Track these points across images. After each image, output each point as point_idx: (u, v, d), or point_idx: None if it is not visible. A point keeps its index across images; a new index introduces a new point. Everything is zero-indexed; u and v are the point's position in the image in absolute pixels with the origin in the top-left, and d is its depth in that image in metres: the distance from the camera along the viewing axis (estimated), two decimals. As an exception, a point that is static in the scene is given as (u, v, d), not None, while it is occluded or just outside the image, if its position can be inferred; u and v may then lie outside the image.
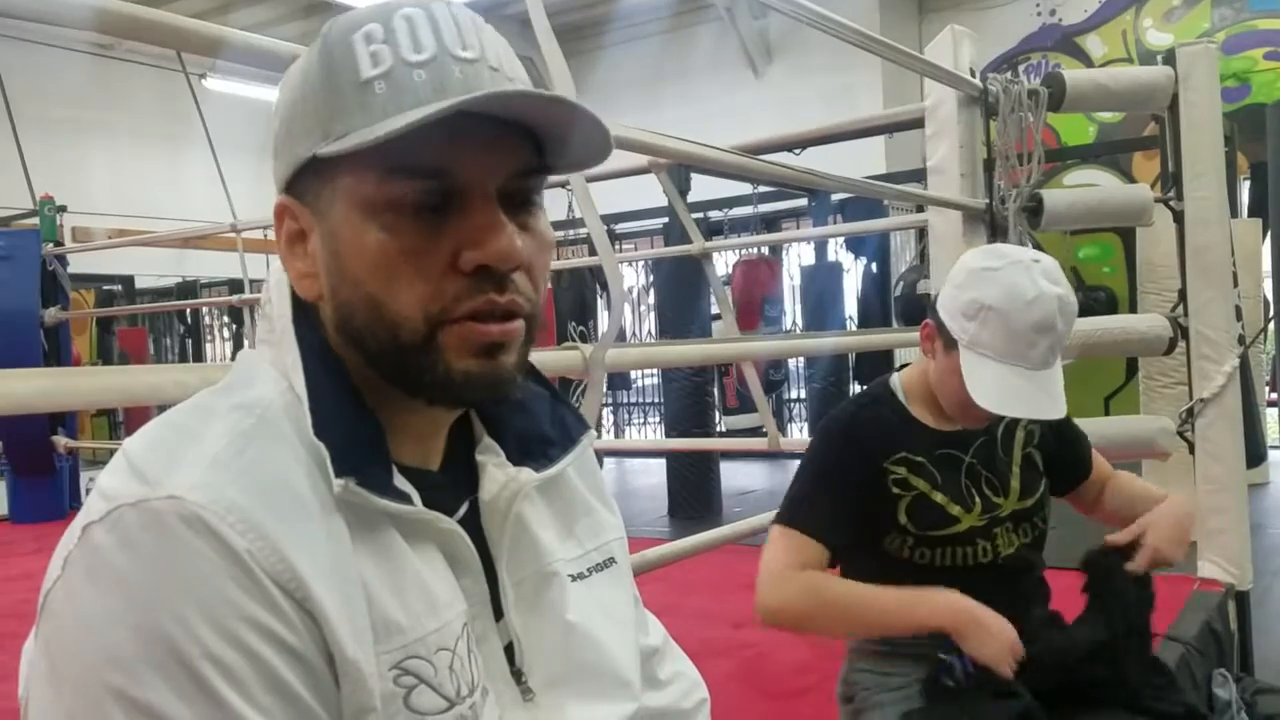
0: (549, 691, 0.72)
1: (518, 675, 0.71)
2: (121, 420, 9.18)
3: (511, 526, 0.72)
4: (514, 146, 0.65)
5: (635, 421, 10.80)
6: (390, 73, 0.63)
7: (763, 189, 6.36)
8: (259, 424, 0.63)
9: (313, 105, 0.65)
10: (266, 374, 0.67)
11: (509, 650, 0.71)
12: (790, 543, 1.49)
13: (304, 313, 0.69)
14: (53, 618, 0.58)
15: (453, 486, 0.72)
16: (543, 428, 0.79)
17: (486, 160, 0.64)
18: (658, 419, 9.70)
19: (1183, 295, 2.90)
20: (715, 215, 6.80)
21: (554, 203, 4.40)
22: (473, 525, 0.71)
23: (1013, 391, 1.41)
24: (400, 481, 0.66)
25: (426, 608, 0.64)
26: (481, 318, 0.64)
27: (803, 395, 8.75)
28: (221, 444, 0.61)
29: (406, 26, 0.63)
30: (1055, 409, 1.43)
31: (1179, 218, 2.89)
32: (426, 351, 0.64)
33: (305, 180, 0.67)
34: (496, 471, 0.73)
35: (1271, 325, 3.40)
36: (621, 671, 0.77)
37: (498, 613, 0.71)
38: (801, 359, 7.60)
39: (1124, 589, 1.49)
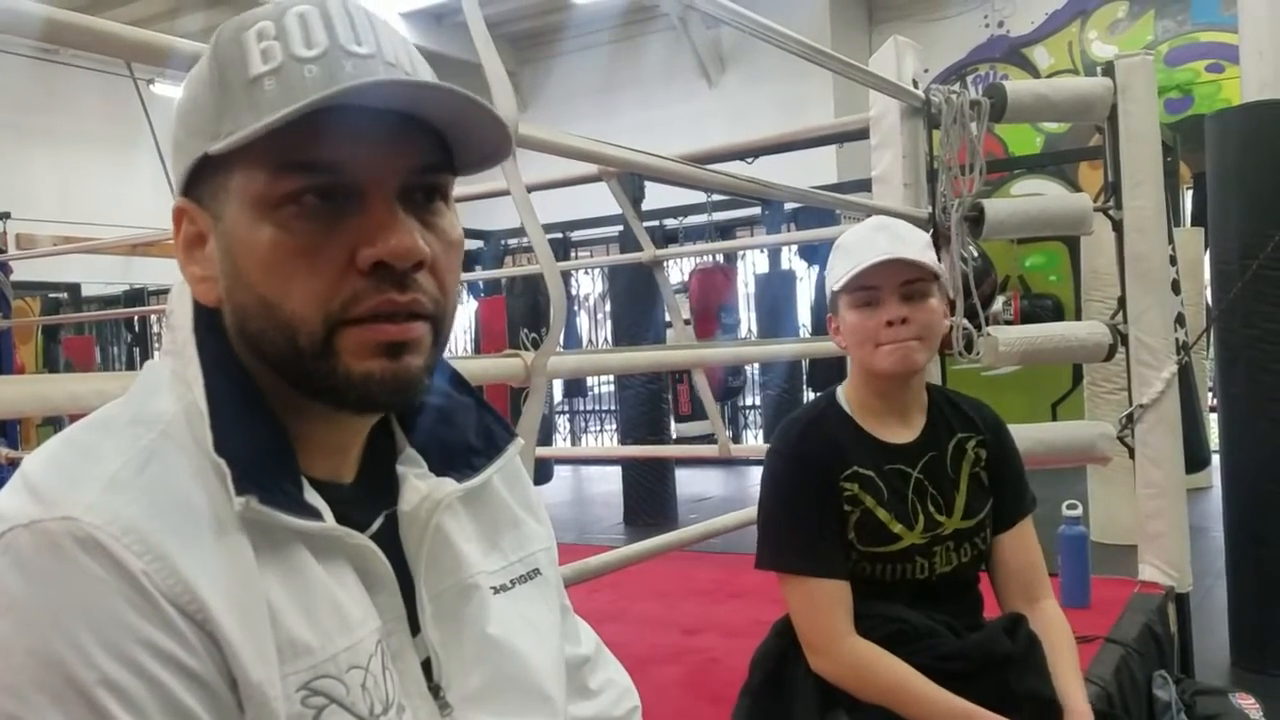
0: (468, 706, 0.71)
1: (435, 690, 0.69)
2: (67, 430, 8.98)
3: (430, 539, 0.71)
4: (413, 142, 0.64)
5: (592, 429, 10.79)
6: (280, 69, 0.61)
7: (717, 197, 6.38)
8: (160, 439, 0.61)
9: (204, 104, 0.64)
10: (169, 386, 0.65)
11: (427, 665, 0.70)
12: (816, 594, 1.49)
13: (208, 321, 0.67)
14: None
15: (368, 499, 0.71)
16: (467, 437, 0.77)
17: (383, 156, 0.63)
18: (614, 426, 9.70)
19: (1122, 303, 2.94)
20: (670, 223, 6.82)
21: (509, 208, 4.38)
22: (391, 538, 0.70)
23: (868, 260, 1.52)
24: (311, 496, 0.65)
25: (337, 626, 0.63)
26: (381, 318, 0.63)
27: (758, 403, 8.79)
28: (120, 462, 0.59)
29: (299, 23, 0.62)
30: (904, 250, 1.50)
31: (1118, 226, 2.94)
32: (325, 355, 0.63)
33: (202, 182, 0.66)
34: (417, 483, 0.72)
35: (1212, 332, 3.46)
36: (543, 685, 0.76)
37: (416, 627, 0.69)
38: (756, 366, 7.64)
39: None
